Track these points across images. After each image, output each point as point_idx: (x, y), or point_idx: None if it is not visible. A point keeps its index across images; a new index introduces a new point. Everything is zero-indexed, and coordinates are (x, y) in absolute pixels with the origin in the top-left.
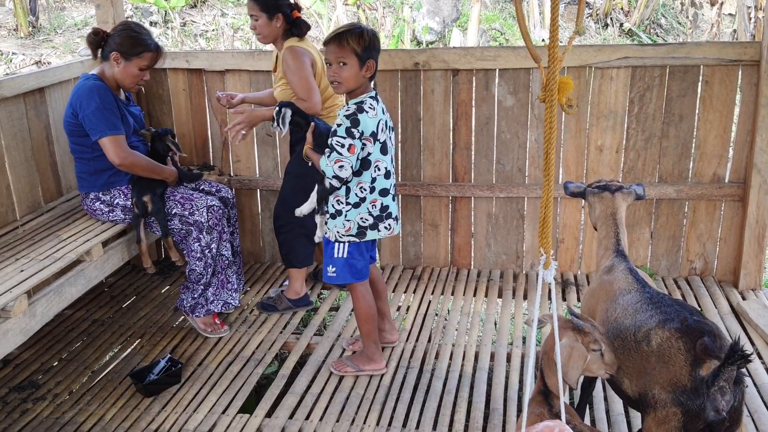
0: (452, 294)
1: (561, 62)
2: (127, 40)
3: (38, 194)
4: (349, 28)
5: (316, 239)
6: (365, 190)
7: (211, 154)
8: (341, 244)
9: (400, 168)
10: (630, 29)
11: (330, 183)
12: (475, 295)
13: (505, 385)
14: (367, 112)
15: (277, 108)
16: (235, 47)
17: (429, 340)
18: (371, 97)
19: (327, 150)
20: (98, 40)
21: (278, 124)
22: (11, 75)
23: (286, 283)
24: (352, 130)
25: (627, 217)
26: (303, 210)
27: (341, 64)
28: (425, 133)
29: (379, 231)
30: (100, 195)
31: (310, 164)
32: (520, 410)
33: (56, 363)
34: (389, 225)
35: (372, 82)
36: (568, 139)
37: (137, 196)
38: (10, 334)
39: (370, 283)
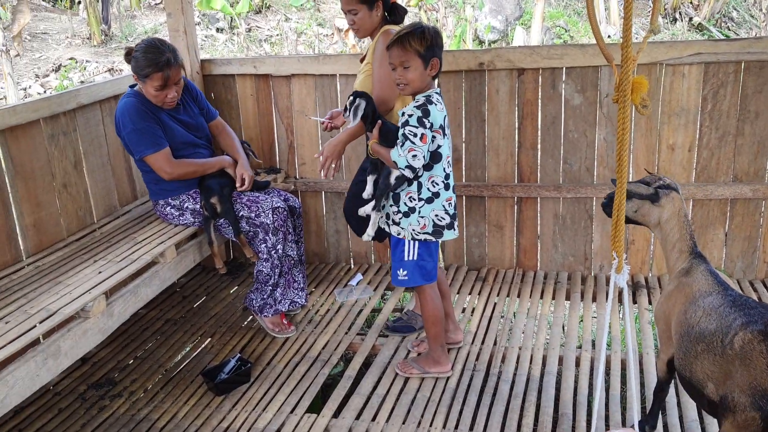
0: (518, 296)
1: (635, 61)
2: (137, 62)
3: (114, 198)
4: (411, 30)
5: (365, 237)
6: (437, 184)
7: (277, 157)
8: (412, 245)
9: (464, 169)
10: (700, 23)
11: (395, 178)
12: (541, 297)
13: (574, 389)
14: (435, 104)
15: (351, 97)
16: (299, 51)
17: (495, 343)
18: (436, 93)
19: (399, 140)
20: (130, 59)
21: (349, 113)
22: (87, 83)
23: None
24: (423, 120)
25: (701, 218)
26: (367, 209)
27: (406, 67)
28: (490, 134)
29: (454, 230)
30: (170, 200)
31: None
32: (589, 415)
33: (131, 361)
34: (457, 224)
35: (435, 80)
36: (639, 138)
37: (205, 199)
38: (90, 334)
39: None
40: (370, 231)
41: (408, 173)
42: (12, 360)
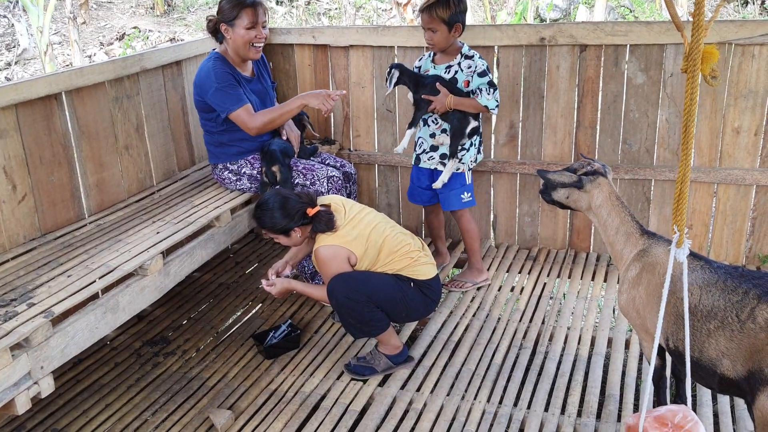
0: (569, 277)
1: (706, 31)
2: (224, 8)
3: (173, 162)
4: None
5: (399, 150)
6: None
7: (332, 128)
8: (468, 174)
9: (519, 146)
10: None
11: (470, 129)
12: (593, 279)
13: (622, 371)
14: None
15: (389, 68)
16: (357, 25)
17: (543, 322)
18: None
19: (485, 88)
20: (213, 25)
21: (388, 83)
22: (152, 48)
23: None
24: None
25: (765, 204)
26: (441, 180)
27: (432, 31)
28: (548, 111)
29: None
30: (228, 165)
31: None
32: (637, 398)
33: (185, 321)
34: None
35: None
36: (702, 119)
37: (267, 166)
38: (147, 291)
39: (437, 215)
40: (404, 144)
41: (496, 111)
42: (73, 312)
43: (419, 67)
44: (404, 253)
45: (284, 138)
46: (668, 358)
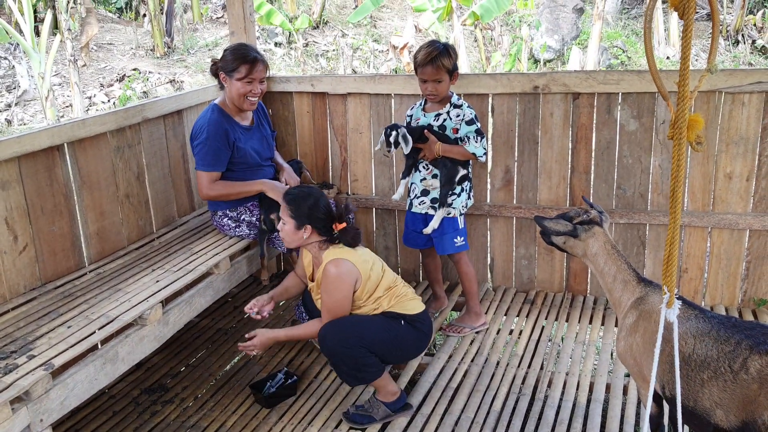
0: (566, 320)
1: (691, 100)
2: (225, 59)
3: (173, 209)
4: (439, 51)
5: (396, 197)
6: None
7: (330, 173)
8: (460, 218)
9: (515, 190)
10: (763, 46)
11: (460, 177)
12: (590, 323)
13: (621, 418)
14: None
15: (394, 132)
16: (354, 66)
17: (542, 367)
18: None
19: (473, 136)
20: (215, 69)
21: (402, 144)
22: (154, 98)
23: None
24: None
25: (758, 249)
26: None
27: (437, 81)
28: (543, 156)
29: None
30: (228, 212)
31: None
32: None
33: (183, 368)
34: None
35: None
36: (695, 166)
37: (266, 214)
38: (146, 341)
39: (433, 259)
40: (401, 191)
41: (484, 159)
42: (73, 363)
43: (411, 116)
44: (397, 290)
45: (284, 184)
46: (665, 406)
